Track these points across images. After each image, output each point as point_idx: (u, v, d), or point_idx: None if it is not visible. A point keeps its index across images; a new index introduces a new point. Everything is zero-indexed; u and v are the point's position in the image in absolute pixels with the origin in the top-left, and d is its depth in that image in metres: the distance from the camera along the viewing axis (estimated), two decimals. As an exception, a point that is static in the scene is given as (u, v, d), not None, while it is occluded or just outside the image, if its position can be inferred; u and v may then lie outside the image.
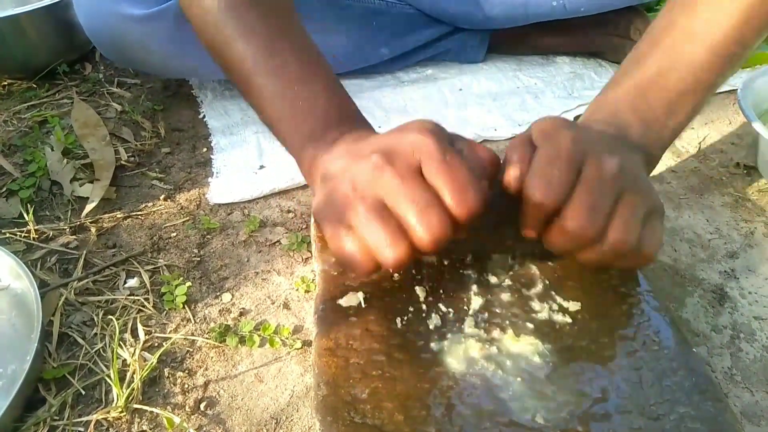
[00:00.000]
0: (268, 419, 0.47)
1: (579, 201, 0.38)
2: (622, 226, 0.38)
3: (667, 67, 0.46)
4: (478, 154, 0.41)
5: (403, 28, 0.85)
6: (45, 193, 0.67)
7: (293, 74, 0.46)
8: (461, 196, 0.36)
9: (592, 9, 0.81)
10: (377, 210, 0.36)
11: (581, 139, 0.40)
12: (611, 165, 0.39)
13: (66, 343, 0.52)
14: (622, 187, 0.39)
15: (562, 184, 0.38)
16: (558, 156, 0.38)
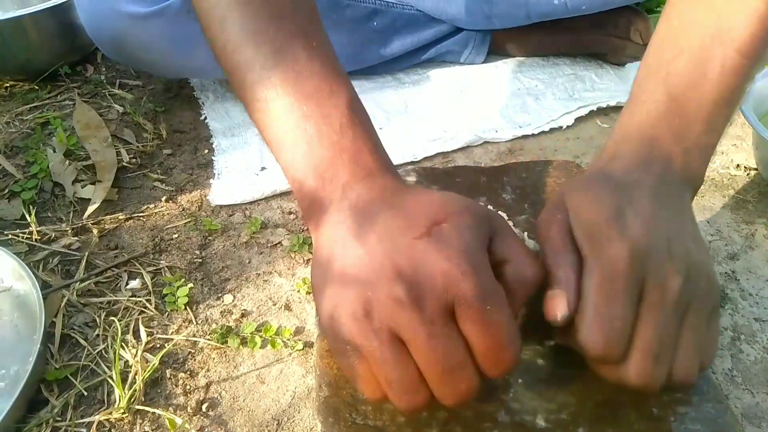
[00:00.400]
0: (270, 420, 0.47)
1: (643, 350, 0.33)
2: (689, 362, 0.34)
3: (699, 75, 0.39)
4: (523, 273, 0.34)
5: (404, 28, 0.85)
6: (47, 195, 0.68)
7: (304, 90, 0.37)
8: (498, 357, 0.31)
9: (593, 7, 0.81)
10: (395, 350, 0.31)
11: (639, 251, 0.33)
12: (676, 284, 0.33)
13: (68, 344, 0.52)
14: (688, 305, 0.34)
15: (624, 333, 0.33)
16: (614, 289, 0.33)
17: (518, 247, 0.35)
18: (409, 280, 0.30)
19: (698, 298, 0.35)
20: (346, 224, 0.34)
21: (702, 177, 0.41)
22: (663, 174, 0.38)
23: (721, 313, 0.38)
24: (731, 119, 0.42)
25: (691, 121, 0.39)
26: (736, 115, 0.79)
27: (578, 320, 0.33)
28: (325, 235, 0.36)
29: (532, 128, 0.77)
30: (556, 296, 0.34)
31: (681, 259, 0.34)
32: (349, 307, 0.31)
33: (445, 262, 0.30)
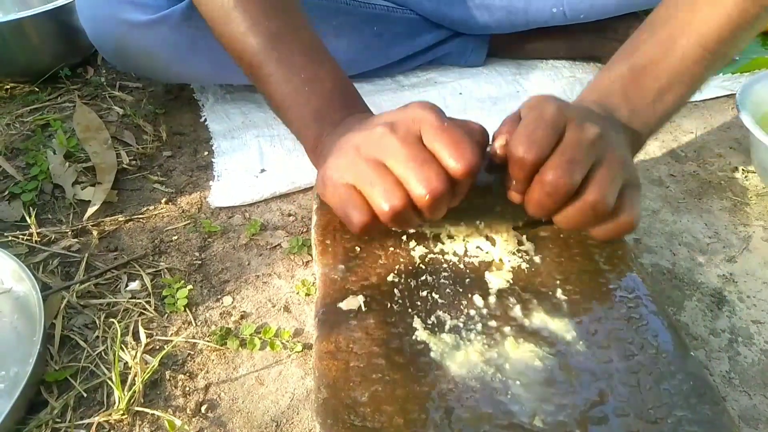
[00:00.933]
0: (269, 422, 0.47)
1: (557, 156, 0.40)
2: (599, 186, 0.41)
3: (660, 56, 0.48)
4: (471, 126, 0.44)
5: (404, 32, 0.85)
6: (47, 197, 0.68)
7: (298, 62, 0.49)
8: (458, 152, 0.39)
9: (592, 16, 0.81)
10: (376, 166, 0.40)
11: (565, 108, 0.42)
12: (592, 131, 0.41)
13: (68, 345, 0.52)
14: (602, 154, 0.41)
15: (543, 141, 0.40)
16: (541, 119, 0.41)
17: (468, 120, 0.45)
18: (387, 122, 0.41)
19: (613, 158, 0.41)
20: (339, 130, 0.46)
21: (641, 141, 0.49)
22: (607, 113, 0.47)
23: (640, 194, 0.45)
24: (685, 100, 0.50)
25: (643, 89, 0.48)
26: (734, 118, 0.79)
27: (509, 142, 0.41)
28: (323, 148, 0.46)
29: (531, 131, 0.77)
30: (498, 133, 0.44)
31: (601, 127, 0.42)
32: (342, 157, 0.42)
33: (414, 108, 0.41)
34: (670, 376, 0.41)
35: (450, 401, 0.39)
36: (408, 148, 0.39)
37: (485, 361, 0.41)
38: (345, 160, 0.41)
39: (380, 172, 0.40)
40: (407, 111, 0.42)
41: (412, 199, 0.39)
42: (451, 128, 0.40)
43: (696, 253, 0.61)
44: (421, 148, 0.39)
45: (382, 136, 0.40)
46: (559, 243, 0.49)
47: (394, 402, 0.39)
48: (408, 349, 0.42)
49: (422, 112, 0.41)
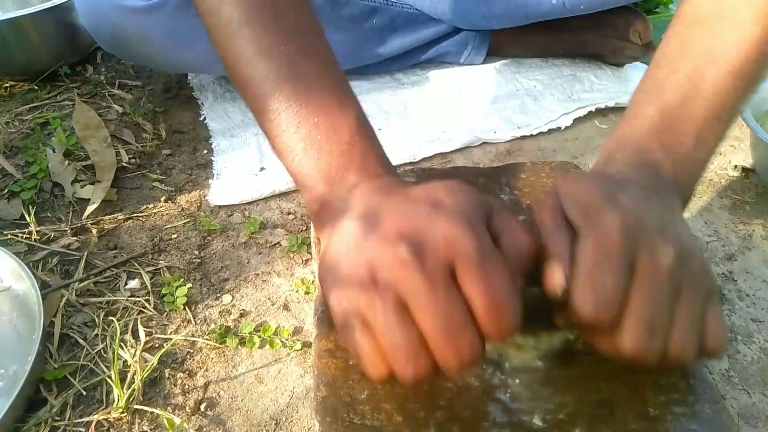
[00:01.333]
0: (268, 420, 0.47)
1: (636, 319, 0.33)
2: (684, 337, 0.34)
3: (691, 93, 0.41)
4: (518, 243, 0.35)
5: (403, 27, 0.85)
6: (46, 195, 0.68)
7: (314, 101, 0.40)
8: (499, 316, 0.31)
9: (592, 7, 0.81)
10: (398, 314, 0.31)
11: (631, 224, 0.34)
12: (667, 258, 0.34)
13: (67, 344, 0.52)
14: (681, 281, 0.34)
15: (616, 298, 0.33)
16: (608, 256, 0.33)
17: (513, 221, 0.36)
18: (412, 241, 0.32)
19: (691, 277, 0.35)
20: (353, 212, 0.36)
21: (691, 190, 0.42)
22: (652, 176, 0.39)
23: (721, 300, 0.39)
24: (724, 137, 0.43)
25: (682, 135, 0.41)
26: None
27: (572, 286, 0.34)
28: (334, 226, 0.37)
29: (531, 129, 0.77)
30: (553, 267, 0.34)
31: (673, 237, 0.35)
32: (354, 276, 0.33)
33: (446, 224, 0.32)
34: (668, 374, 0.41)
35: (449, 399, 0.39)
36: (437, 297, 0.31)
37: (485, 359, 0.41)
38: (356, 280, 0.33)
39: (401, 323, 0.31)
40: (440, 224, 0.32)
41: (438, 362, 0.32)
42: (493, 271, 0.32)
43: (696, 251, 0.61)
44: (453, 298, 0.31)
45: (404, 265, 0.31)
46: None
47: (394, 400, 0.39)
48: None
49: (459, 234, 0.32)
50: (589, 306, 0.33)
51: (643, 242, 0.34)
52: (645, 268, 0.33)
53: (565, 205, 0.36)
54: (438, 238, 0.32)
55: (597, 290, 0.33)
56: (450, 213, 0.33)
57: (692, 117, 0.41)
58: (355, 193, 0.38)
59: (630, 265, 0.33)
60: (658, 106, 0.42)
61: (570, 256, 0.34)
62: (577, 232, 0.35)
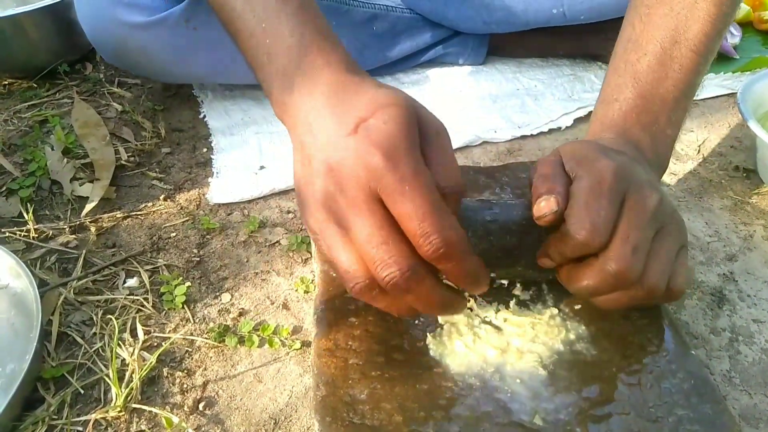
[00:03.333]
0: (267, 419, 0.47)
1: (623, 242, 0.37)
2: (660, 269, 0.38)
3: (661, 75, 0.46)
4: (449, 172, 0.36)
5: (404, 32, 0.85)
6: (45, 193, 0.67)
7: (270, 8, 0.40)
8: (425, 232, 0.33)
9: (591, 17, 0.82)
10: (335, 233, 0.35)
11: (621, 169, 0.39)
12: (653, 199, 0.38)
13: (65, 342, 0.52)
14: (661, 223, 0.39)
15: (608, 224, 0.37)
16: (601, 190, 0.37)
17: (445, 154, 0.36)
18: (336, 175, 0.34)
19: (670, 224, 0.39)
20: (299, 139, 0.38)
21: (666, 163, 0.48)
22: (636, 152, 0.44)
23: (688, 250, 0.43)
24: (689, 110, 0.49)
25: (656, 114, 0.46)
26: (735, 117, 0.79)
27: (568, 214, 0.38)
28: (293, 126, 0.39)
29: (531, 129, 0.77)
30: (546, 199, 0.38)
31: (657, 189, 0.40)
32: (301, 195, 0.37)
33: (366, 154, 0.34)
34: (670, 375, 0.41)
35: (449, 399, 0.39)
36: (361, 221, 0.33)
37: (485, 359, 0.41)
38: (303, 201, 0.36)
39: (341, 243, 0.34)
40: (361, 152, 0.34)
41: None
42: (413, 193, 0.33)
43: (696, 251, 0.60)
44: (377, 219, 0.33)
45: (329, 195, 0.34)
46: None
47: (393, 399, 0.39)
48: (407, 347, 0.42)
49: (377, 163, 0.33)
50: (585, 229, 0.36)
51: (632, 186, 0.38)
52: (632, 205, 0.38)
53: (564, 158, 0.40)
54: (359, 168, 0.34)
55: (591, 216, 0.37)
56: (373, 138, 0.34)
57: (664, 97, 0.46)
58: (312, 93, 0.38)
59: (620, 203, 0.38)
60: (633, 88, 0.47)
61: (565, 193, 0.38)
62: (573, 178, 0.39)
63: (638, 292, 0.38)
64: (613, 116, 0.47)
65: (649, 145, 0.45)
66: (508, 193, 0.59)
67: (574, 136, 0.77)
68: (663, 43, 0.46)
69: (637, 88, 0.46)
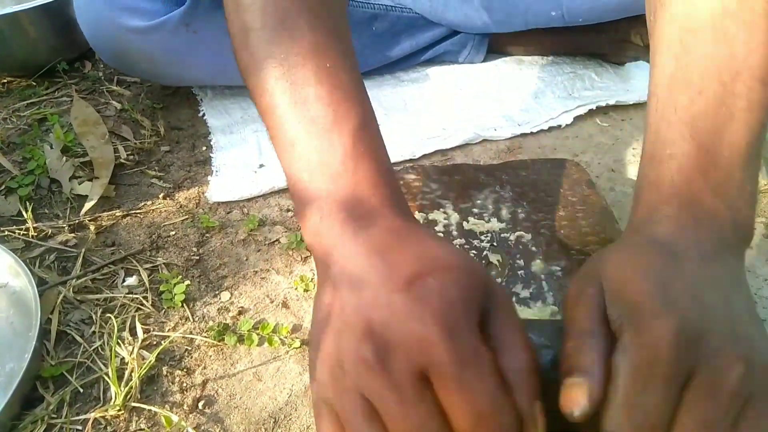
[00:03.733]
0: (267, 418, 0.47)
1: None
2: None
3: (725, 117, 0.34)
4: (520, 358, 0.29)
5: (404, 32, 0.85)
6: (44, 191, 0.67)
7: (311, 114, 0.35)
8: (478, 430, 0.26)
9: (590, 19, 0.82)
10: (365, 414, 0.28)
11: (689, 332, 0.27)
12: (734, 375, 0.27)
13: (64, 341, 0.52)
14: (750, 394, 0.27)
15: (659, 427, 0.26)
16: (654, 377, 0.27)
17: (515, 331, 0.30)
18: (378, 340, 0.28)
19: (762, 391, 0.28)
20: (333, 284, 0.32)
21: (752, 230, 0.36)
22: (712, 237, 0.33)
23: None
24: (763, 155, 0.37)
25: (728, 169, 0.34)
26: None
27: (605, 409, 0.27)
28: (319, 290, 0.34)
29: (531, 127, 0.77)
30: (576, 385, 0.28)
31: (745, 342, 0.28)
32: (325, 360, 0.30)
33: (419, 322, 0.27)
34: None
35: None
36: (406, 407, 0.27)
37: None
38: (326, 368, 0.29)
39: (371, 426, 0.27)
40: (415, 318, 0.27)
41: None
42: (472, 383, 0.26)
43: (697, 249, 0.60)
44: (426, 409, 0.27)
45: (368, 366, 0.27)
46: None
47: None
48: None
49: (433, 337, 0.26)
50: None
51: (705, 355, 0.27)
52: (703, 387, 0.27)
53: (608, 298, 0.30)
54: (408, 338, 0.27)
55: (637, 421, 0.26)
56: (428, 302, 0.28)
57: (734, 145, 0.34)
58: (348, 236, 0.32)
59: (682, 385, 0.27)
60: (692, 139, 0.35)
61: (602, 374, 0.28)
62: (618, 339, 0.28)
63: None
64: (672, 179, 0.35)
65: (727, 216, 0.33)
66: (508, 191, 0.59)
67: (574, 134, 0.77)
68: (721, 77, 0.35)
69: (697, 138, 0.35)
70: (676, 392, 0.27)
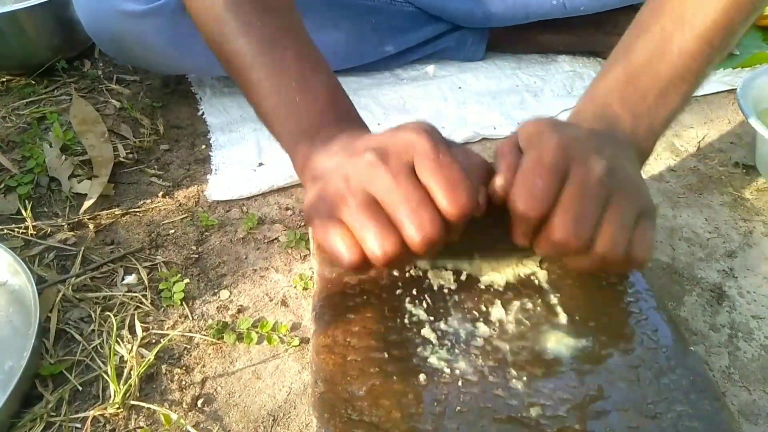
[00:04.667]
0: (266, 416, 0.47)
1: (564, 211, 0.37)
2: (610, 234, 0.38)
3: (657, 54, 0.44)
4: (471, 158, 0.41)
5: (402, 25, 0.85)
6: (43, 190, 0.67)
7: (291, 70, 0.46)
8: (453, 195, 0.36)
9: (591, 9, 0.81)
10: (368, 204, 0.37)
11: (566, 142, 0.39)
12: (597, 168, 0.38)
13: (63, 339, 0.52)
14: (611, 191, 0.38)
15: (545, 195, 0.37)
16: (541, 163, 0.38)
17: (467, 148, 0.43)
18: (377, 150, 0.37)
19: (622, 191, 0.38)
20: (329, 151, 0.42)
21: (650, 145, 0.46)
22: (610, 128, 0.43)
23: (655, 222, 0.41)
24: (688, 98, 0.46)
25: (644, 93, 0.44)
26: (735, 113, 0.79)
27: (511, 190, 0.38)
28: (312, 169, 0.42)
29: (531, 125, 0.76)
30: (497, 175, 0.40)
31: (608, 156, 0.39)
32: (330, 187, 0.38)
33: (407, 134, 0.38)
34: (669, 371, 0.40)
35: (448, 395, 0.39)
36: (399, 184, 0.36)
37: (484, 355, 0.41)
38: (333, 191, 0.38)
39: (371, 211, 0.36)
40: (400, 135, 0.38)
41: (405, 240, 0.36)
42: (446, 162, 0.37)
43: (696, 248, 0.60)
44: (414, 184, 0.36)
45: (372, 165, 0.37)
46: None
47: (392, 396, 0.39)
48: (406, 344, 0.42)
49: (416, 137, 0.37)
50: (521, 201, 0.37)
51: (576, 157, 0.38)
52: (575, 175, 0.37)
53: (519, 137, 0.41)
54: (399, 144, 0.37)
55: (528, 187, 0.37)
56: (410, 128, 0.38)
57: (656, 76, 0.44)
58: (332, 141, 0.42)
59: (562, 175, 0.37)
60: (624, 65, 0.45)
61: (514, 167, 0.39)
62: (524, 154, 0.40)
63: (593, 257, 0.38)
64: (597, 91, 0.46)
65: (628, 123, 0.44)
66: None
67: (573, 133, 0.77)
68: (665, 25, 0.44)
69: (626, 64, 0.45)
70: (557, 176, 0.37)
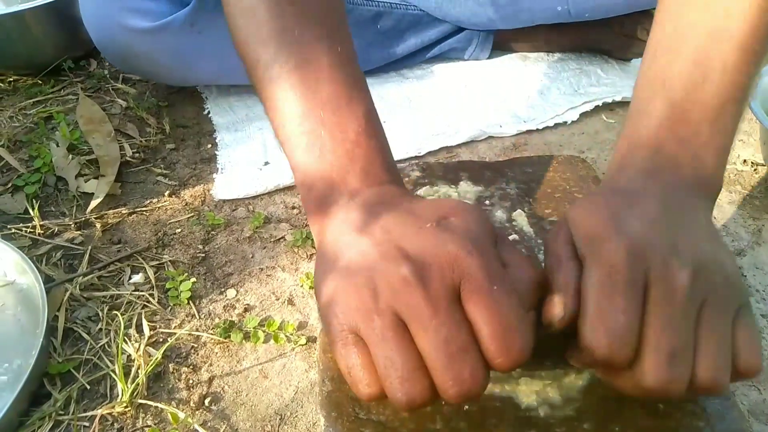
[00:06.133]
0: (273, 415, 0.47)
1: (655, 350, 0.30)
2: (712, 361, 0.31)
3: (699, 77, 0.38)
4: (527, 274, 0.33)
5: (409, 29, 0.85)
6: (50, 189, 0.68)
7: (322, 95, 0.38)
8: (506, 343, 0.29)
9: (597, 15, 0.81)
10: (396, 330, 0.30)
11: (638, 246, 0.32)
12: (682, 278, 0.31)
13: (71, 338, 0.52)
14: (701, 301, 0.32)
15: (630, 333, 0.30)
16: (617, 287, 0.31)
17: (518, 252, 0.35)
18: (415, 261, 0.31)
19: (714, 294, 0.32)
20: (352, 220, 0.35)
21: (719, 180, 0.39)
22: (671, 181, 0.37)
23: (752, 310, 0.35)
24: (742, 116, 0.40)
25: (697, 124, 0.38)
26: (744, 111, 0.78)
27: (581, 324, 0.31)
28: (330, 232, 0.36)
29: (537, 123, 0.76)
30: (553, 299, 0.33)
31: (688, 253, 0.32)
32: (353, 290, 0.31)
33: (452, 244, 0.31)
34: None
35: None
36: (439, 319, 0.29)
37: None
38: (356, 301, 0.31)
39: (398, 341, 0.30)
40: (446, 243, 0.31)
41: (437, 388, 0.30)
42: (502, 297, 0.30)
43: (704, 246, 0.60)
44: (457, 320, 0.30)
45: (407, 284, 0.30)
46: None
47: (400, 395, 0.38)
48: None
49: (465, 255, 0.30)
50: (603, 344, 0.30)
51: (652, 264, 0.31)
52: (657, 293, 0.31)
53: (574, 235, 0.34)
54: (442, 256, 0.31)
55: (608, 326, 0.30)
56: (457, 232, 0.32)
57: (705, 103, 0.38)
58: (355, 201, 0.36)
59: (641, 293, 0.31)
60: (665, 97, 0.38)
61: (574, 288, 0.32)
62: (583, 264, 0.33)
63: (694, 393, 0.32)
64: (642, 132, 0.39)
65: (689, 165, 0.37)
66: (513, 188, 0.59)
67: (580, 131, 0.76)
68: (699, 42, 0.38)
69: (669, 96, 0.38)
70: (636, 298, 0.31)
